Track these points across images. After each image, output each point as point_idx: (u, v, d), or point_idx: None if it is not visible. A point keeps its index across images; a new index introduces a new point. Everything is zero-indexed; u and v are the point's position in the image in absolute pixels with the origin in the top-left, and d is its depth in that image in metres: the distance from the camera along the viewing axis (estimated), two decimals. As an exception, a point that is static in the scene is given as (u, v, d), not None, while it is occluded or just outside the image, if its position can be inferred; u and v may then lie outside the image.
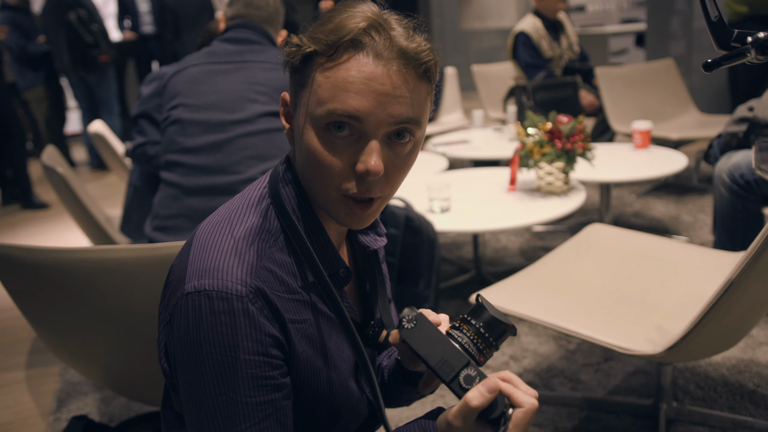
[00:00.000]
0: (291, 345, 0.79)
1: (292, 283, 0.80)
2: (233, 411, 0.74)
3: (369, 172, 0.75)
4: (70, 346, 1.63)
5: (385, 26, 0.75)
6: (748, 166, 2.34)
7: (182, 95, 1.87)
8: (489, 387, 0.74)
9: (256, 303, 0.75)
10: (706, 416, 1.84)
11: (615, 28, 7.94)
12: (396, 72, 0.74)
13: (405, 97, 0.75)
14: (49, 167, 1.90)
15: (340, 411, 0.88)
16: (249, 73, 1.86)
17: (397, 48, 0.75)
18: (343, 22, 0.75)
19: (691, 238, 3.28)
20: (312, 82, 0.77)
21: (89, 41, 5.40)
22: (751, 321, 1.61)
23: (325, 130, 0.76)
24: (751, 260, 1.29)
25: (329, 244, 0.84)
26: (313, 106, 0.76)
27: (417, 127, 0.78)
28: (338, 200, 0.79)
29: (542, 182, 2.62)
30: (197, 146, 1.81)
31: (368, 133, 0.76)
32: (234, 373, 0.73)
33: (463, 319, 0.81)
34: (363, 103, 0.74)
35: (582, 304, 1.78)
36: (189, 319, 0.74)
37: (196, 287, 0.74)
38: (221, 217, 0.82)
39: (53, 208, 5.04)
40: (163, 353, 0.82)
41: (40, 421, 2.16)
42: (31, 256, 1.37)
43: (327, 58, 0.75)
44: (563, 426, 1.87)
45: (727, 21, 0.96)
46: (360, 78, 0.74)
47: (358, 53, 0.74)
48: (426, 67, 0.77)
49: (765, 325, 2.34)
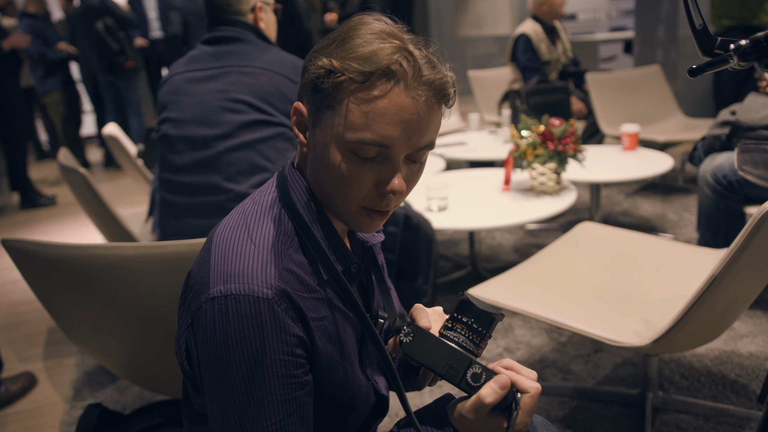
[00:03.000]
0: (313, 343, 0.80)
1: (311, 282, 0.81)
2: (260, 409, 0.76)
3: (394, 192, 0.79)
4: (87, 337, 1.66)
5: (412, 53, 0.77)
6: (731, 168, 2.38)
7: (168, 108, 1.83)
8: (501, 384, 0.77)
9: (282, 305, 0.76)
10: (690, 405, 1.87)
11: (604, 36, 7.93)
12: (424, 103, 0.77)
13: (429, 125, 0.79)
14: (69, 167, 1.93)
15: (355, 401, 0.90)
16: (228, 79, 1.77)
17: (425, 80, 0.77)
18: (375, 52, 0.76)
19: (677, 235, 3.29)
20: (341, 106, 0.77)
21: (116, 49, 5.48)
22: (733, 314, 1.63)
23: (352, 152, 0.78)
24: (733, 257, 1.32)
25: (341, 243, 0.86)
26: (340, 129, 0.77)
27: (432, 147, 0.82)
28: (358, 212, 0.82)
29: (535, 182, 2.64)
30: (186, 165, 1.77)
31: (393, 157, 0.79)
32: (261, 373, 0.75)
33: (454, 318, 0.83)
34: (393, 132, 0.76)
35: (573, 299, 1.80)
36: (216, 323, 0.75)
37: (222, 291, 0.75)
38: (236, 223, 0.83)
39: (57, 207, 5.06)
40: (184, 356, 0.83)
41: (57, 409, 2.19)
42: (49, 252, 1.40)
43: (359, 86, 0.76)
44: (554, 414, 1.90)
45: (712, 32, 1.02)
46: (392, 109, 0.76)
47: (389, 83, 0.75)
48: (449, 97, 0.80)
49: (746, 318, 2.37)
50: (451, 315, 0.84)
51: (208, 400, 0.79)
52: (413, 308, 0.91)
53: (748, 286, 1.54)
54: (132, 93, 5.87)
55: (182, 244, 1.33)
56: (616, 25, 8.83)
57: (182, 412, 0.96)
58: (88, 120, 7.14)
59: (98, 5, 5.48)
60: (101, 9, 5.48)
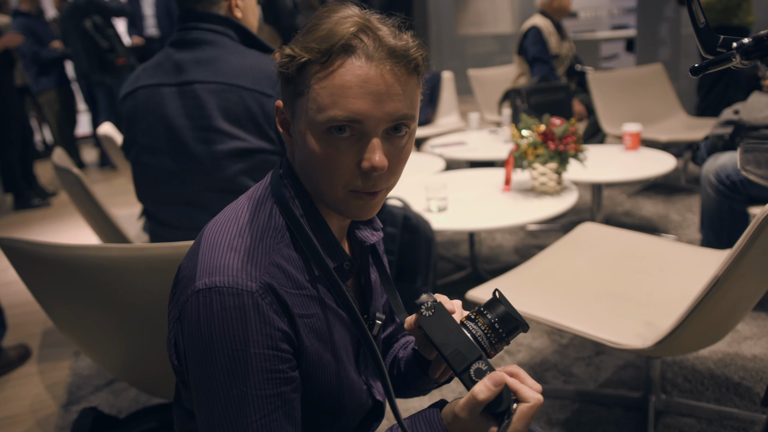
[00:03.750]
0: (299, 339, 0.80)
1: (300, 278, 0.81)
2: (244, 404, 0.75)
3: (374, 168, 0.77)
4: (82, 336, 1.66)
5: (372, 28, 0.77)
6: (734, 167, 2.37)
7: (137, 128, 1.67)
8: (495, 381, 0.76)
9: (266, 298, 0.76)
10: (693, 408, 1.86)
11: (606, 34, 7.97)
12: (389, 71, 0.76)
13: (399, 94, 0.77)
14: (63, 168, 1.92)
15: (346, 403, 0.89)
16: (193, 102, 1.58)
17: (387, 48, 0.76)
18: (332, 29, 0.76)
19: (679, 236, 3.29)
20: (309, 90, 0.77)
21: (105, 46, 5.45)
22: (736, 316, 1.63)
23: (327, 133, 0.77)
24: (736, 258, 1.31)
25: (333, 239, 0.86)
26: (312, 113, 0.77)
27: (412, 120, 0.80)
28: (346, 196, 0.81)
29: (536, 182, 2.63)
30: (165, 199, 1.67)
31: (369, 132, 0.77)
32: (245, 367, 0.74)
33: (479, 311, 0.82)
34: (361, 105, 0.75)
35: (574, 300, 1.79)
36: (200, 315, 0.75)
37: (207, 284, 0.75)
38: (227, 217, 0.83)
39: (52, 208, 5.05)
40: (173, 350, 0.82)
41: (51, 413, 2.18)
42: (41, 251, 1.39)
43: (321, 66, 0.76)
44: (556, 417, 1.89)
45: None
46: (356, 82, 0.75)
47: (350, 57, 0.75)
48: (416, 63, 0.79)
49: (750, 320, 2.36)
50: (478, 308, 0.83)
51: (194, 394, 0.79)
52: (437, 296, 0.90)
53: (752, 287, 1.53)
54: None
55: (172, 246, 1.33)
56: (617, 23, 8.83)
57: (173, 410, 0.95)
58: (83, 119, 7.11)
59: (85, 3, 5.43)
60: (89, 6, 5.43)
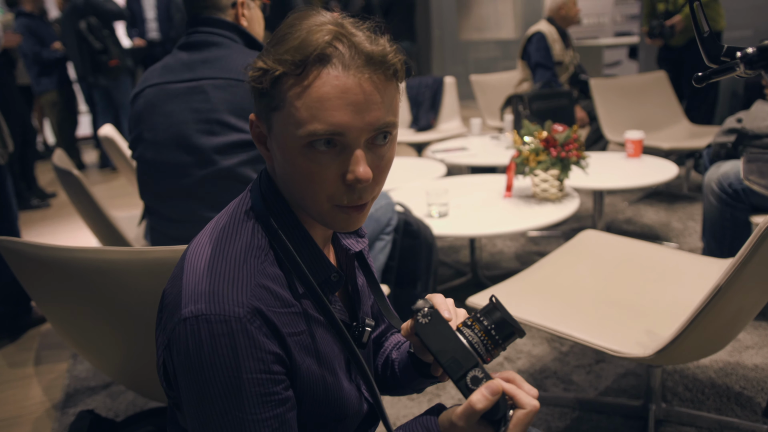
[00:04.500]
0: (291, 358, 0.79)
1: (286, 296, 0.79)
2: (240, 429, 0.74)
3: (359, 180, 0.75)
4: (79, 339, 1.65)
5: (347, 35, 0.74)
6: (737, 176, 2.37)
7: (142, 125, 1.71)
8: (492, 390, 0.75)
9: (254, 322, 0.74)
10: (693, 417, 1.86)
11: (609, 41, 7.97)
12: (367, 80, 0.73)
13: (378, 102, 0.75)
14: (63, 169, 1.92)
15: (341, 412, 0.88)
16: (201, 96, 1.63)
17: (364, 55, 0.73)
18: (306, 38, 0.73)
19: (681, 244, 3.29)
20: (286, 104, 0.74)
21: (98, 47, 5.44)
22: (738, 325, 1.62)
23: (308, 147, 0.75)
24: (738, 267, 1.31)
25: (318, 251, 0.84)
26: (291, 128, 0.74)
27: (393, 126, 0.78)
28: (332, 210, 0.79)
29: (537, 189, 2.63)
30: (165, 193, 1.69)
31: (351, 144, 0.75)
32: (239, 393, 0.73)
33: (475, 317, 0.82)
34: (342, 117, 0.73)
35: (575, 308, 1.79)
36: (189, 344, 0.74)
37: (193, 312, 0.74)
38: (209, 237, 0.81)
39: (52, 209, 5.05)
40: (162, 374, 0.81)
41: (48, 415, 2.17)
42: (39, 253, 1.38)
43: (296, 78, 0.73)
44: (555, 426, 1.89)
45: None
46: (334, 93, 0.72)
47: (326, 67, 0.72)
48: (394, 69, 0.76)
49: (751, 329, 2.36)
50: (474, 314, 0.83)
51: (188, 420, 0.78)
52: (432, 295, 0.89)
53: (754, 296, 1.53)
54: (121, 95, 5.84)
55: (169, 250, 1.33)
56: (620, 30, 8.82)
57: (168, 427, 0.94)
58: (84, 120, 7.12)
59: (83, 4, 5.42)
60: (86, 8, 5.42)
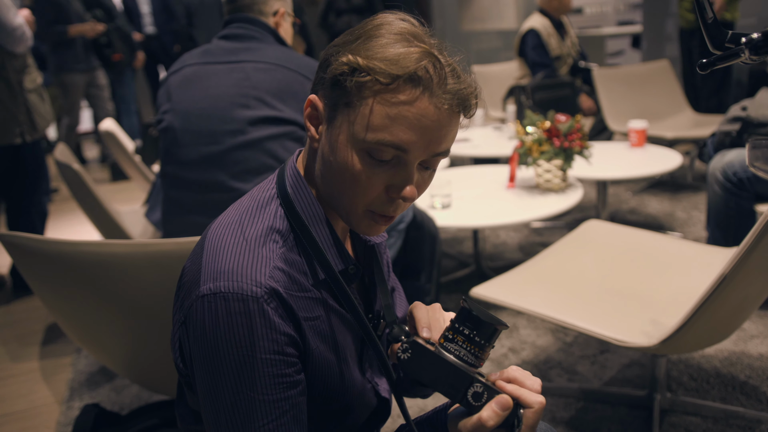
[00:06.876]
0: (305, 342, 0.80)
1: (303, 281, 0.81)
2: (251, 409, 0.75)
3: (405, 198, 0.79)
4: (83, 333, 1.66)
5: (441, 65, 0.77)
6: (741, 164, 2.36)
7: (174, 98, 1.79)
8: (502, 406, 0.76)
9: (271, 303, 0.75)
10: (698, 407, 1.86)
11: (611, 30, 7.92)
12: (446, 112, 0.77)
13: (447, 133, 0.79)
14: (64, 164, 1.92)
15: (352, 403, 0.89)
16: (242, 74, 1.74)
17: (451, 90, 0.77)
18: (402, 55, 0.76)
19: (686, 234, 3.29)
20: (361, 104, 0.77)
21: (103, 41, 5.43)
22: (742, 315, 1.63)
23: (367, 153, 0.77)
24: (743, 256, 1.31)
25: (339, 243, 0.85)
26: (359, 128, 0.77)
27: (447, 154, 0.82)
28: (363, 215, 0.82)
29: (541, 179, 2.63)
30: (192, 160, 1.75)
31: (408, 162, 0.78)
32: (251, 372, 0.75)
33: (454, 328, 0.79)
34: (411, 136, 0.76)
35: (579, 298, 1.79)
36: (205, 321, 0.75)
37: (211, 289, 0.75)
38: (231, 218, 0.83)
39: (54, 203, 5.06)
40: (178, 353, 0.83)
41: (53, 409, 2.18)
42: (42, 247, 1.40)
43: (384, 87, 0.75)
44: (560, 416, 1.89)
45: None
46: (412, 113, 0.75)
47: (416, 89, 0.75)
48: (469, 107, 0.80)
49: (756, 318, 2.36)
50: (452, 324, 0.80)
51: (200, 398, 0.79)
52: (413, 306, 0.90)
53: (759, 285, 1.53)
54: (123, 89, 5.81)
55: (174, 243, 1.33)
56: (623, 19, 8.77)
57: (176, 410, 0.95)
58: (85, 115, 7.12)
59: None
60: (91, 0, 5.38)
